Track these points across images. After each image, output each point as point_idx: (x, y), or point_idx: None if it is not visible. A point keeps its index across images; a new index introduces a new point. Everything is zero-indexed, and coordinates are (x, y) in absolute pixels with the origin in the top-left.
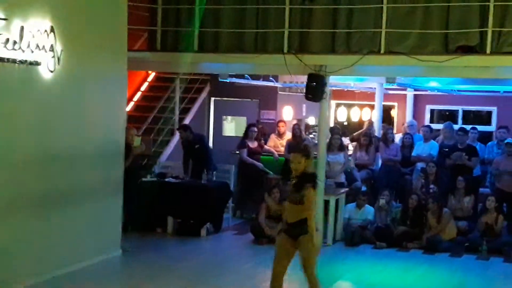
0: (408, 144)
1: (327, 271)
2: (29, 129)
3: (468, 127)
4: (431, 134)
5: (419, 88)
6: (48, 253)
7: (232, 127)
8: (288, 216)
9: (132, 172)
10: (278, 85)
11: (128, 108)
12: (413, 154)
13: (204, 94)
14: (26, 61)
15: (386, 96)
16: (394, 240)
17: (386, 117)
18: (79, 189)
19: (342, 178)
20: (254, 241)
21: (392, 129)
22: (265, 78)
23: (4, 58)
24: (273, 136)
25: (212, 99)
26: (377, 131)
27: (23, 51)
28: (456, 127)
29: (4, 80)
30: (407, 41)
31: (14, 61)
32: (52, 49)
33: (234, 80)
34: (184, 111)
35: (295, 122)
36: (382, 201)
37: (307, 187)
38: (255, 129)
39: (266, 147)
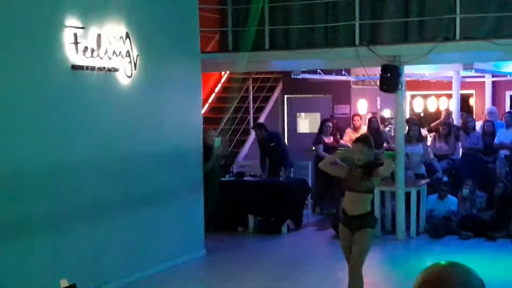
0: (489, 132)
1: (412, 264)
2: (110, 134)
3: None
4: None
5: (498, 74)
6: (133, 254)
7: (306, 123)
8: (350, 208)
9: (212, 172)
10: (351, 78)
11: (203, 110)
12: (495, 141)
13: (277, 92)
14: (104, 68)
15: (464, 84)
16: (480, 230)
17: (464, 106)
18: (160, 191)
19: (422, 170)
20: (335, 236)
21: (472, 117)
22: (338, 72)
23: (84, 66)
24: (348, 131)
25: (285, 96)
26: (456, 120)
27: (101, 58)
28: None
29: (85, 87)
30: (483, 25)
31: (93, 68)
32: (128, 54)
33: (306, 76)
34: (258, 110)
35: (370, 115)
36: (465, 191)
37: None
38: (330, 124)
39: (342, 141)
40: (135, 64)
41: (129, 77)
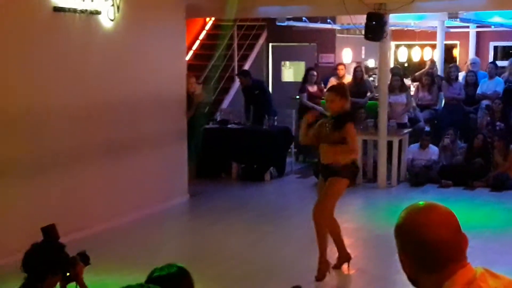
0: (471, 82)
1: (392, 210)
2: (92, 79)
3: None
4: (496, 71)
5: (482, 24)
6: (117, 200)
7: (291, 72)
8: (322, 157)
9: (194, 120)
10: (336, 27)
11: (188, 57)
12: (477, 92)
13: (262, 40)
14: (86, 10)
15: (448, 35)
16: (460, 179)
17: (448, 56)
18: (143, 137)
19: (404, 119)
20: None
21: (455, 67)
22: (323, 20)
23: (66, 8)
24: (332, 80)
25: (270, 44)
26: (440, 70)
27: (83, 0)
28: None
29: (66, 30)
30: None
31: (75, 11)
32: None
33: (291, 23)
34: (243, 58)
35: (355, 65)
36: (446, 141)
37: (346, 124)
38: (315, 73)
39: (325, 91)
40: (118, 7)
41: (112, 20)
